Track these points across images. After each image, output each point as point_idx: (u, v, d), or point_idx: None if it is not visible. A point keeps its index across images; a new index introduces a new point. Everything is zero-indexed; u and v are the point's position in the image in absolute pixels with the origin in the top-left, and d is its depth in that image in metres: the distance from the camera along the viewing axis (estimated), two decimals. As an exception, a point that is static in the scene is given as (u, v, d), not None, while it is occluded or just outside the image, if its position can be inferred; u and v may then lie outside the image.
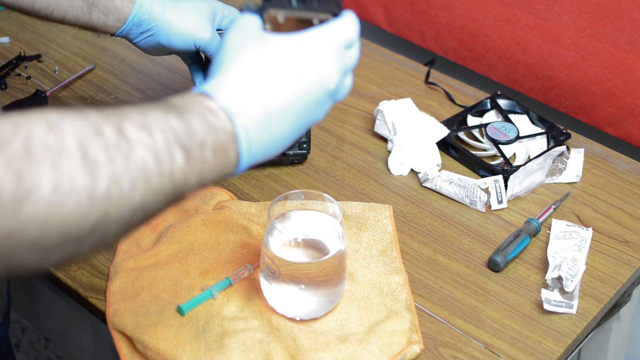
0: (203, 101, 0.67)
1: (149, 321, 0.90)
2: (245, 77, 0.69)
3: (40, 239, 0.58)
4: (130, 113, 0.63)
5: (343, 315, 0.93)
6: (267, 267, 0.90)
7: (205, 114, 0.66)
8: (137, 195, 0.62)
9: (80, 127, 0.60)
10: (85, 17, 1.03)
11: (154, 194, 0.63)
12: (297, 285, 0.89)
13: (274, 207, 0.92)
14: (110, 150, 0.60)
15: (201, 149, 0.65)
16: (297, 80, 0.71)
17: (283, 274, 0.89)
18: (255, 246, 1.01)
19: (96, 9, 1.02)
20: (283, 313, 0.92)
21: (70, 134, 0.59)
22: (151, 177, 0.62)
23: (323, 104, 0.73)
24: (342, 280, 0.92)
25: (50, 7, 1.02)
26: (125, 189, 0.61)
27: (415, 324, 0.93)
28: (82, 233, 0.60)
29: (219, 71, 0.71)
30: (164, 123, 0.64)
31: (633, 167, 1.18)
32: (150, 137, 0.62)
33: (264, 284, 0.92)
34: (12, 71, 1.34)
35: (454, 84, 1.33)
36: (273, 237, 0.90)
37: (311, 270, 0.89)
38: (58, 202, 0.57)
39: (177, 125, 0.64)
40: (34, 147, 0.57)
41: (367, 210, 1.06)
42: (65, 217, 0.58)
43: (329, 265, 0.89)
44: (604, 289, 0.99)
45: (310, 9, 0.80)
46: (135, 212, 0.63)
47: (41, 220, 0.57)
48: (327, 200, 0.93)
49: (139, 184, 0.62)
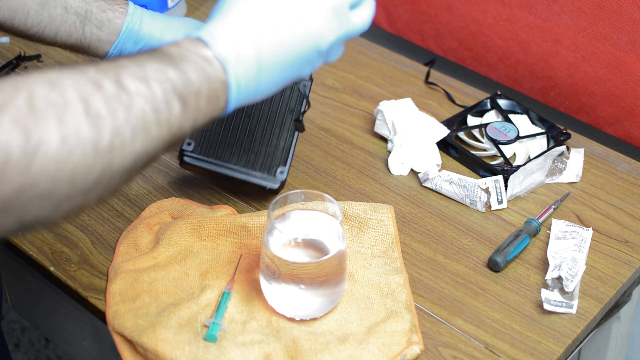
0: (199, 49, 0.69)
1: (147, 323, 0.90)
2: (240, 27, 0.71)
3: (50, 192, 0.60)
4: (128, 65, 0.65)
5: (343, 316, 0.93)
6: (267, 267, 0.90)
7: (201, 63, 0.69)
8: (137, 144, 0.64)
9: (80, 82, 0.62)
10: (78, 33, 1.01)
11: (153, 142, 0.66)
12: (297, 285, 0.89)
13: (274, 207, 0.92)
14: (111, 102, 0.62)
15: (196, 98, 0.68)
16: (291, 35, 0.73)
17: (283, 274, 0.89)
18: (255, 247, 1.01)
19: (89, 23, 1.01)
20: (283, 313, 0.92)
21: (71, 88, 0.61)
22: (150, 126, 0.65)
23: (313, 62, 0.76)
24: (342, 280, 0.92)
25: (43, 22, 1.01)
26: (127, 139, 0.63)
27: (416, 324, 0.93)
28: (89, 184, 0.62)
29: (216, 16, 0.72)
30: (161, 73, 0.66)
31: (633, 167, 1.18)
32: (148, 88, 0.65)
33: (263, 284, 0.92)
34: (12, 71, 1.34)
35: (454, 84, 1.33)
36: (273, 237, 0.90)
37: (311, 270, 0.89)
38: (65, 156, 0.60)
39: (173, 76, 0.67)
40: (38, 104, 0.59)
41: (369, 211, 1.06)
42: (72, 169, 0.60)
43: (329, 265, 0.89)
44: (604, 289, 0.99)
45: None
46: (137, 161, 0.65)
47: (50, 173, 0.59)
48: (327, 201, 0.93)
49: (140, 134, 0.64)
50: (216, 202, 1.10)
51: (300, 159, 1.18)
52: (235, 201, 1.10)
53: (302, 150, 1.20)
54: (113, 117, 0.62)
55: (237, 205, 1.10)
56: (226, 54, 0.70)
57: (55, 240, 1.05)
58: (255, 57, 0.71)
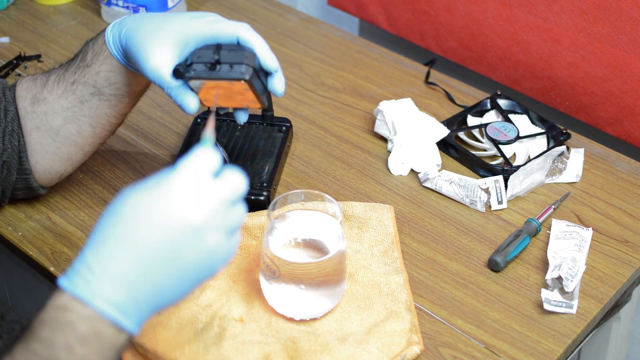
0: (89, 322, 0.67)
1: (147, 323, 0.90)
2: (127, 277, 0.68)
3: None
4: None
5: (343, 316, 0.93)
6: (267, 267, 0.90)
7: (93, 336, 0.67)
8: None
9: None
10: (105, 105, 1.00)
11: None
12: (297, 285, 0.89)
13: (273, 207, 0.92)
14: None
15: None
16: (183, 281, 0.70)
17: (283, 274, 0.88)
18: (254, 247, 1.01)
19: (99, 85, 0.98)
20: (283, 313, 0.92)
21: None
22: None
23: None
24: (342, 280, 0.92)
25: (94, 137, 1.02)
26: None
27: (415, 324, 0.93)
28: None
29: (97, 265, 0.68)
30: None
31: (633, 167, 1.18)
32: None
33: (263, 284, 0.92)
34: (12, 71, 1.34)
35: (454, 84, 1.33)
36: (273, 237, 0.90)
37: (311, 270, 0.89)
38: None
39: None
40: None
41: (369, 211, 1.06)
42: None
43: (329, 265, 0.89)
44: (604, 289, 0.99)
45: (220, 73, 0.88)
46: None
47: None
48: (327, 201, 0.93)
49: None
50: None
51: (300, 159, 1.18)
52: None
53: (302, 150, 1.20)
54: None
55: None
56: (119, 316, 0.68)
57: (55, 240, 1.05)
58: (150, 308, 0.69)
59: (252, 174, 1.09)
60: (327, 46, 1.42)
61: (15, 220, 1.07)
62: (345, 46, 1.42)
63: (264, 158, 1.12)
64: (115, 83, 0.98)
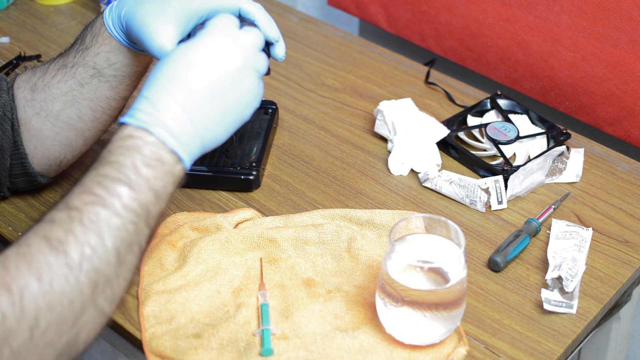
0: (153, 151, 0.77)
1: (188, 345, 0.89)
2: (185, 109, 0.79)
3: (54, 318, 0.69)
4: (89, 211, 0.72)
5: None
6: (386, 293, 0.88)
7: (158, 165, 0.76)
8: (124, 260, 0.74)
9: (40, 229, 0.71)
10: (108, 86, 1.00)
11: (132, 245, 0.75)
12: (420, 312, 0.87)
13: (394, 230, 0.89)
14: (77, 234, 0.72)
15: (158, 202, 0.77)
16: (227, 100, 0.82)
17: (406, 300, 0.86)
18: (284, 260, 1.00)
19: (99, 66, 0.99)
20: (401, 340, 0.90)
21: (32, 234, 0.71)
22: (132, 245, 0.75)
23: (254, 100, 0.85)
24: (462, 305, 0.90)
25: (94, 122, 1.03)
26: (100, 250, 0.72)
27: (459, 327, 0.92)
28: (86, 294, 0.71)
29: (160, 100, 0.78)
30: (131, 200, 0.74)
31: (633, 167, 1.18)
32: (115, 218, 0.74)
33: (381, 310, 0.90)
34: (12, 71, 1.34)
35: (454, 84, 1.33)
36: (392, 261, 0.88)
37: (435, 296, 0.87)
38: (48, 287, 0.68)
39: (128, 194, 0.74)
40: (7, 261, 0.69)
41: (397, 218, 1.05)
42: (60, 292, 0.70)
43: (453, 292, 0.87)
44: (604, 289, 0.99)
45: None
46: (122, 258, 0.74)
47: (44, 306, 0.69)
48: (452, 229, 0.90)
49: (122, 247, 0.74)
50: (215, 205, 1.10)
51: (300, 159, 1.18)
52: (235, 201, 1.11)
53: (302, 150, 1.20)
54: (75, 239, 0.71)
55: (229, 202, 1.10)
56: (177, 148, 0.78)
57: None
58: (200, 140, 0.80)
59: (242, 154, 1.14)
60: (327, 46, 1.42)
61: (15, 220, 1.07)
62: (345, 46, 1.42)
63: (252, 139, 1.16)
64: (115, 63, 0.98)
